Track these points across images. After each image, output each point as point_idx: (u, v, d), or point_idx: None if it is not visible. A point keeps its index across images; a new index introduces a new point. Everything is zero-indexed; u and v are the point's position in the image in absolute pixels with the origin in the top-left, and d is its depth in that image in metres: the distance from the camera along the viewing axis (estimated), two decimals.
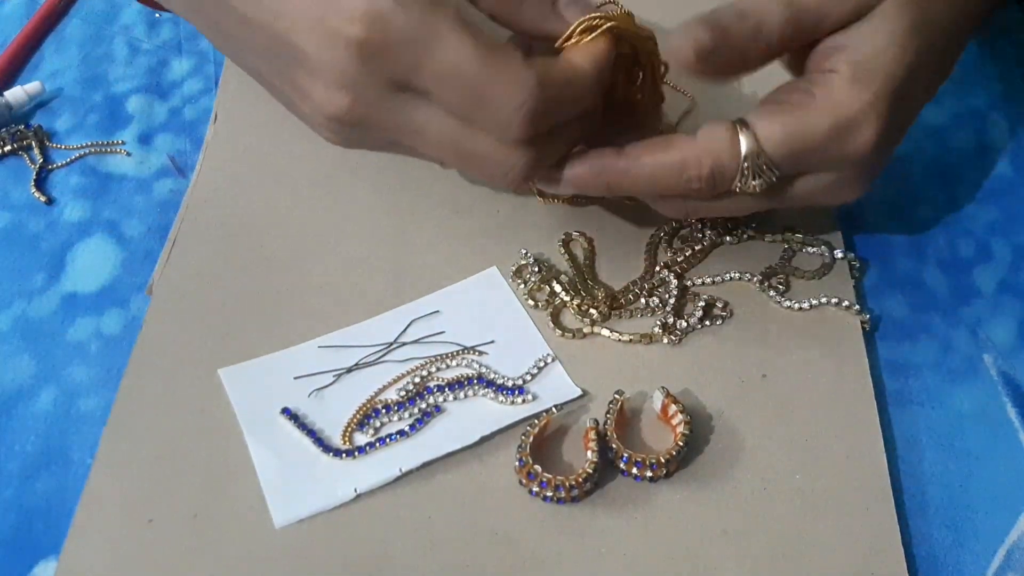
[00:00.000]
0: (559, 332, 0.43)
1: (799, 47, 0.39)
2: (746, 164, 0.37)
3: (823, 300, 0.44)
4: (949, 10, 0.39)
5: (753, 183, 0.38)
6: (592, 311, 0.44)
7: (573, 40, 0.38)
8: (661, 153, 0.38)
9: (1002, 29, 0.58)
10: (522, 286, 0.45)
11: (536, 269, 0.45)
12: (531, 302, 0.44)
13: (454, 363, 0.42)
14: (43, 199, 0.49)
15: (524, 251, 0.46)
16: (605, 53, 0.38)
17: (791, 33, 0.38)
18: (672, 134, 0.39)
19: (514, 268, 0.45)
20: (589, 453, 0.38)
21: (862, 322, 0.43)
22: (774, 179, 0.38)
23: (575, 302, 0.44)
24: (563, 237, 0.47)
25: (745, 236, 0.47)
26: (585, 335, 0.43)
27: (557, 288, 0.44)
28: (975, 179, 0.51)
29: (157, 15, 0.59)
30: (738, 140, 0.37)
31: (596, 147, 0.39)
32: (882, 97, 0.37)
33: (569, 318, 0.44)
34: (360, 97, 0.36)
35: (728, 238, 0.47)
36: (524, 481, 0.38)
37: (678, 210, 0.42)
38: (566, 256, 0.46)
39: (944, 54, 0.39)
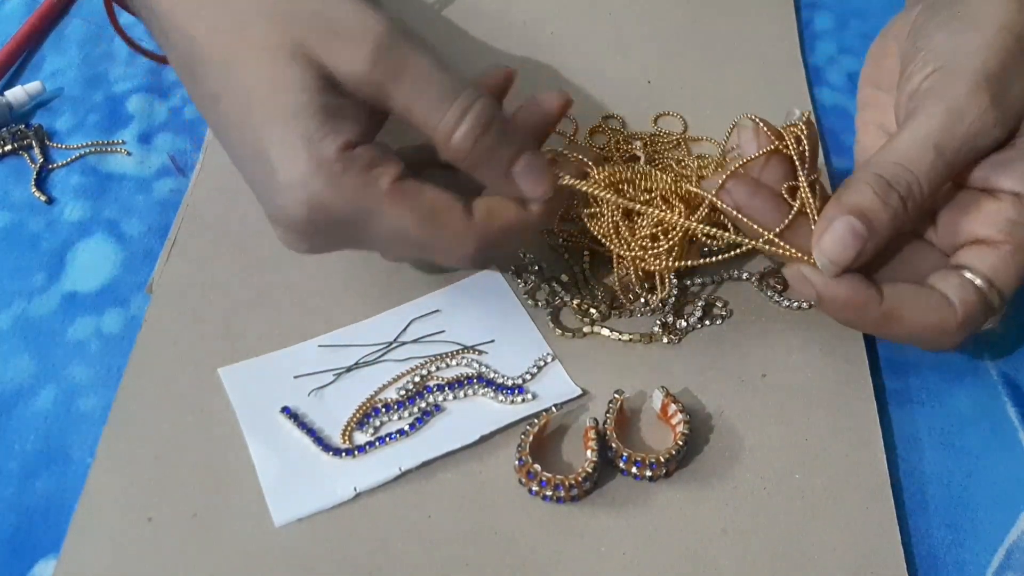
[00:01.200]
0: (559, 332, 0.43)
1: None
2: (992, 315, 0.38)
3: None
4: None
5: (986, 326, 0.38)
6: (592, 311, 0.44)
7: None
8: (922, 316, 0.37)
9: None
10: (522, 285, 0.45)
11: (536, 268, 0.45)
12: (531, 301, 0.44)
13: (454, 362, 0.42)
14: (43, 199, 0.49)
15: (528, 254, 0.46)
16: (556, 196, 0.39)
17: (943, 182, 0.38)
18: (927, 291, 0.38)
19: (514, 267, 0.45)
20: (589, 452, 0.38)
21: None
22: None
23: (575, 302, 0.44)
24: (563, 237, 0.47)
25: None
26: (585, 335, 0.43)
27: (557, 288, 0.44)
28: None
29: None
30: (990, 305, 0.37)
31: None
32: None
33: (569, 318, 0.44)
34: (309, 243, 0.37)
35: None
36: (524, 480, 0.38)
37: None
38: (566, 256, 0.46)
39: None
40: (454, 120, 0.36)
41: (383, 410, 0.40)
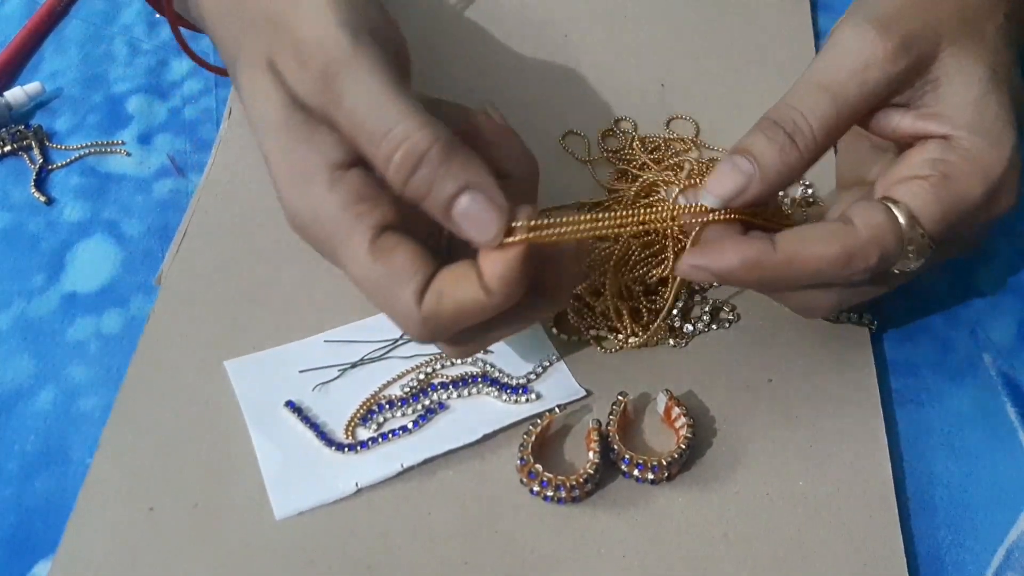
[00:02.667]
0: (565, 336, 0.43)
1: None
2: (911, 247, 0.35)
3: None
4: (1003, 38, 0.38)
5: (915, 265, 0.36)
6: (622, 335, 0.43)
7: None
8: (822, 246, 0.35)
9: None
10: None
11: None
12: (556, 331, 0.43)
13: (459, 360, 0.42)
14: (43, 199, 0.49)
15: None
16: (516, 268, 0.32)
17: (837, 120, 0.36)
18: (825, 223, 0.36)
19: None
20: (591, 454, 0.38)
21: (867, 325, 0.43)
22: (932, 253, 0.36)
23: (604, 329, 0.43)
24: None
25: None
26: (587, 339, 0.43)
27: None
28: None
29: (157, 15, 0.59)
30: (899, 224, 0.35)
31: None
32: (1015, 151, 0.36)
33: (569, 320, 0.44)
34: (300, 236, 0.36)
35: None
36: (525, 480, 0.38)
37: (824, 304, 0.39)
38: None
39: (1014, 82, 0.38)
40: (387, 152, 0.32)
41: (387, 406, 0.40)
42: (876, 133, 0.39)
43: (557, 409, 0.40)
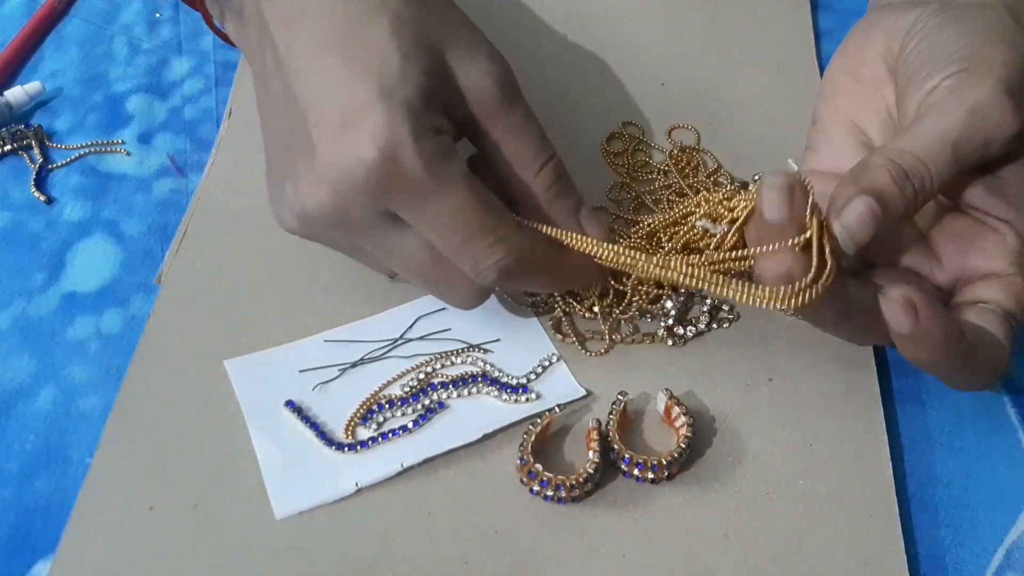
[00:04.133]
0: (561, 338, 0.43)
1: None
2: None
3: None
4: None
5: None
6: (594, 307, 0.43)
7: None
8: (988, 354, 0.36)
9: None
10: None
11: None
12: (531, 306, 0.44)
13: (459, 360, 0.42)
14: (43, 199, 0.49)
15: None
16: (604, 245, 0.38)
17: (949, 183, 0.37)
18: (984, 328, 0.37)
19: None
20: (591, 453, 0.38)
21: None
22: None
23: (569, 306, 0.44)
24: None
25: None
26: (585, 340, 0.43)
27: (556, 296, 0.44)
28: None
29: (157, 15, 0.59)
30: (1014, 332, 0.37)
31: None
32: None
33: (571, 324, 0.44)
34: (344, 209, 0.35)
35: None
36: (525, 480, 0.38)
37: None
38: None
39: None
40: (543, 162, 0.39)
41: (387, 406, 0.40)
42: (959, 204, 0.39)
43: (557, 409, 0.40)
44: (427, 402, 0.41)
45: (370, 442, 0.39)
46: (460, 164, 0.36)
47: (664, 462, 0.38)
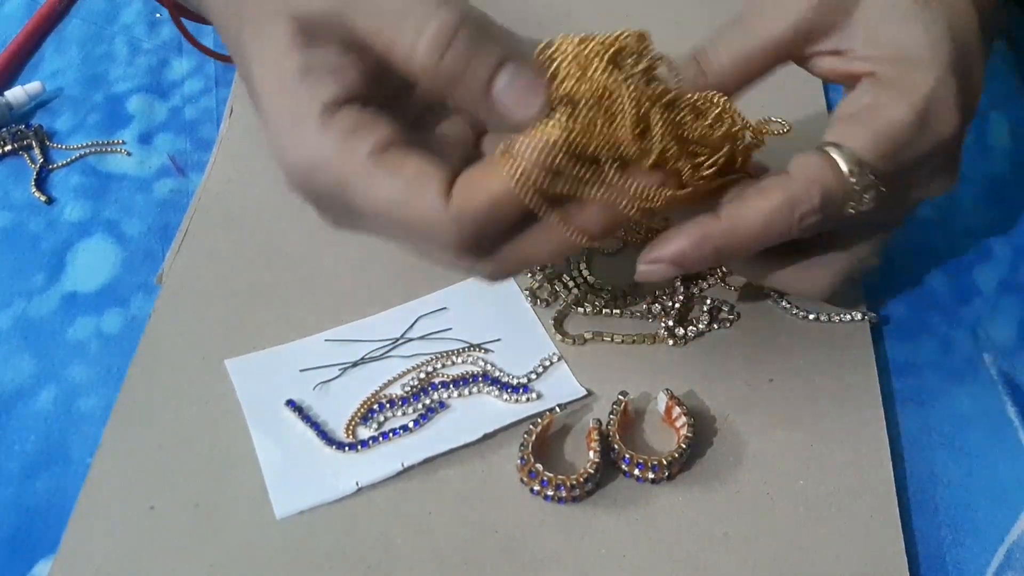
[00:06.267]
0: (561, 338, 0.43)
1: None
2: (853, 180, 0.35)
3: (830, 313, 0.44)
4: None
5: (866, 197, 0.35)
6: (587, 305, 0.44)
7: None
8: (763, 200, 0.35)
9: (1001, 29, 0.59)
10: (529, 278, 0.45)
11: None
12: (531, 299, 0.44)
13: (460, 360, 0.42)
14: (43, 199, 0.49)
15: None
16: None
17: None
18: (759, 179, 0.36)
19: None
20: (591, 453, 0.38)
21: (870, 320, 0.43)
22: (882, 188, 0.35)
23: (571, 297, 0.44)
24: None
25: None
26: (586, 340, 0.43)
27: (559, 289, 0.44)
28: (975, 179, 0.51)
29: (157, 15, 0.59)
30: (834, 161, 0.35)
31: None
32: (947, 69, 0.35)
33: (572, 324, 0.44)
34: (319, 211, 0.35)
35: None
36: (525, 479, 0.38)
37: (821, 280, 0.40)
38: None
39: (972, 32, 0.37)
40: (414, 32, 0.30)
41: (387, 405, 0.40)
42: (821, 78, 0.40)
43: (558, 408, 0.40)
44: (428, 402, 0.41)
45: (371, 442, 0.39)
46: (368, 140, 0.31)
47: (664, 462, 0.38)
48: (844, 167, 0.35)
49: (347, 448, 0.39)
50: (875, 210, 0.36)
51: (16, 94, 0.53)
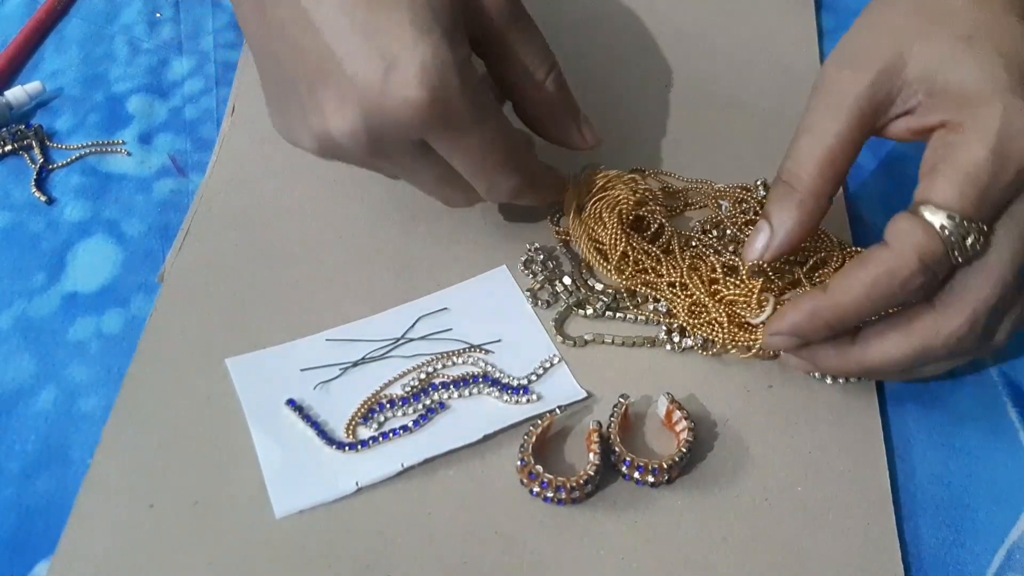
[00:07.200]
0: (561, 339, 0.43)
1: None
2: (947, 234, 0.35)
3: None
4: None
5: (967, 243, 0.35)
6: (589, 307, 0.44)
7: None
8: (863, 271, 0.36)
9: None
10: (530, 277, 0.45)
11: (541, 259, 0.45)
12: (531, 299, 0.44)
13: (460, 360, 0.42)
14: (43, 199, 0.49)
15: (535, 244, 0.46)
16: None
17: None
18: (859, 253, 0.39)
19: (523, 259, 0.46)
20: (591, 455, 0.38)
21: None
22: (985, 228, 0.36)
23: (572, 299, 0.44)
24: (565, 237, 0.47)
25: None
26: (587, 342, 0.43)
27: (559, 289, 0.44)
28: None
29: (158, 15, 0.59)
30: (925, 220, 0.35)
31: None
32: (1011, 94, 0.35)
33: (573, 326, 0.44)
34: (377, 140, 0.37)
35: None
36: (525, 481, 0.38)
37: (941, 363, 0.40)
38: (569, 255, 0.46)
39: None
40: (549, 67, 0.42)
41: (388, 406, 0.40)
42: (904, 141, 0.40)
43: (558, 410, 0.40)
44: (428, 402, 0.41)
45: (371, 442, 0.39)
46: (491, 95, 0.38)
47: (664, 465, 0.38)
48: (936, 223, 0.35)
49: (347, 448, 0.39)
50: (989, 247, 0.36)
51: (16, 94, 0.53)
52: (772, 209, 0.39)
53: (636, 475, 0.38)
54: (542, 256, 0.46)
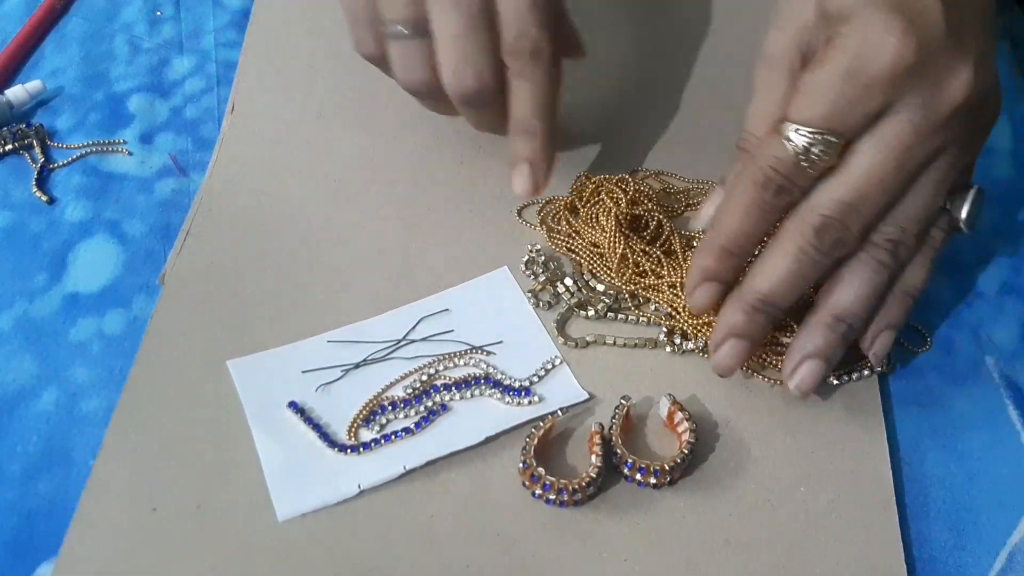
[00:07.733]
0: (562, 340, 0.43)
1: None
2: (792, 143, 0.37)
3: None
4: None
5: (812, 152, 0.36)
6: (590, 308, 0.44)
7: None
8: (732, 188, 0.39)
9: (1001, 29, 0.58)
10: (531, 277, 0.45)
11: (542, 260, 0.45)
12: (533, 300, 0.44)
13: (462, 362, 0.42)
14: (44, 199, 0.49)
15: (536, 245, 0.46)
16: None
17: None
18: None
19: (525, 259, 0.46)
20: (593, 457, 0.38)
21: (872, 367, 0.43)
22: (833, 140, 0.36)
23: (573, 301, 0.44)
24: (565, 237, 0.47)
25: None
26: (588, 343, 0.43)
27: (560, 289, 0.44)
28: (976, 180, 0.51)
29: (159, 13, 0.59)
30: (779, 132, 0.37)
31: None
32: (877, 9, 0.36)
33: (574, 328, 0.44)
34: None
35: None
36: (527, 483, 0.38)
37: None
38: (570, 256, 0.46)
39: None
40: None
41: (389, 408, 0.40)
42: None
43: (560, 412, 0.40)
44: (430, 404, 0.41)
45: (373, 444, 0.39)
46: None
47: (666, 467, 0.38)
48: (785, 133, 0.37)
49: (349, 450, 0.39)
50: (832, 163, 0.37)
51: (17, 92, 0.52)
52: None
53: (638, 477, 0.38)
54: (543, 257, 0.46)
